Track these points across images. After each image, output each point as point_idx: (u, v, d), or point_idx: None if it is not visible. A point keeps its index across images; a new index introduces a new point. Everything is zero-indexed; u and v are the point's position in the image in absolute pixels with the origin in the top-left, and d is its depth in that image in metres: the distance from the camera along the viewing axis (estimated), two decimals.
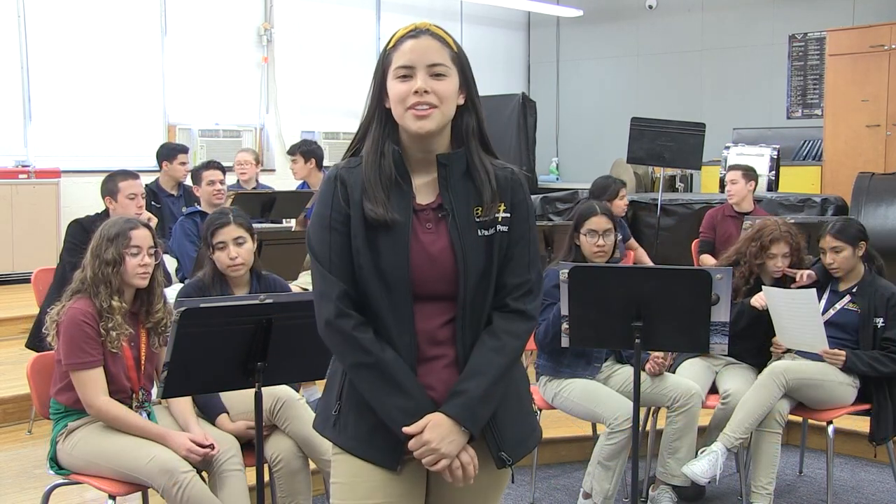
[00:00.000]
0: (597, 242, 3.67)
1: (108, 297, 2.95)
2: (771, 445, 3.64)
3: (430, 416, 1.83)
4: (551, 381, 3.72)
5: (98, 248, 3.00)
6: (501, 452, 1.90)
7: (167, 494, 2.78)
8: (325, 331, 1.87)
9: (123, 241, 2.98)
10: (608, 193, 5.71)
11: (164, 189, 6.16)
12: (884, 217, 6.27)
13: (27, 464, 4.11)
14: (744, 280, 3.91)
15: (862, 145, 9.11)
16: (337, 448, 1.93)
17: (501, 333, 1.89)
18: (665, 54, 11.56)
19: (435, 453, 1.82)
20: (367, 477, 1.89)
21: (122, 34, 8.62)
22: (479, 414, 1.85)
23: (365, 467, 1.89)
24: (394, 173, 1.86)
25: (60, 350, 2.94)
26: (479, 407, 1.84)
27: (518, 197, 1.92)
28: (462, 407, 1.83)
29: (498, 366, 1.86)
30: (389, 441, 1.86)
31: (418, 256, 1.85)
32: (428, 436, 1.81)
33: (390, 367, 1.83)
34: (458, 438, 1.83)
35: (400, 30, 1.90)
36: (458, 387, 1.85)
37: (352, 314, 1.84)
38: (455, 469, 1.84)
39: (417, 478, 1.93)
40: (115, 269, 2.97)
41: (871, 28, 9.14)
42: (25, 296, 5.38)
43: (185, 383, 2.58)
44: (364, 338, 1.83)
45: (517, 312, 1.91)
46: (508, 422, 1.92)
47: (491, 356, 1.87)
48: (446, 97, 1.85)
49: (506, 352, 1.88)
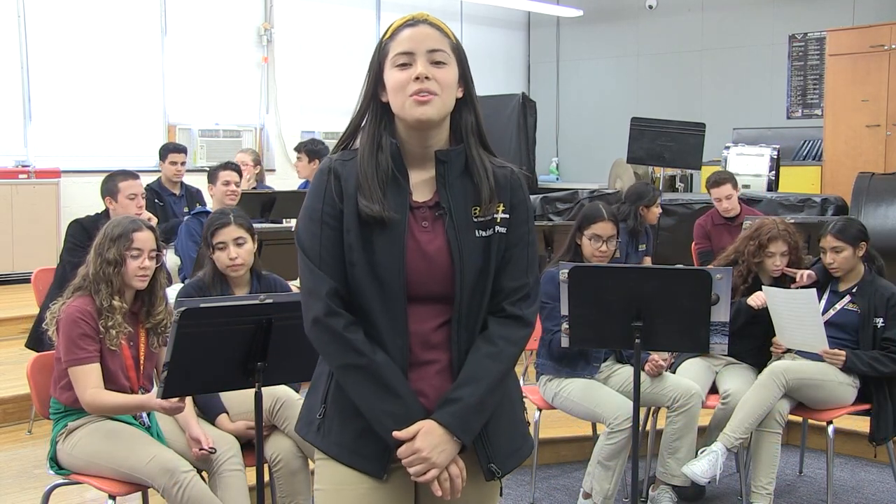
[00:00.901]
0: (599, 248, 3.66)
1: (108, 297, 2.95)
2: (771, 445, 3.64)
3: (422, 423, 1.75)
4: (551, 380, 3.72)
5: (101, 246, 3.00)
6: (491, 464, 1.82)
7: (167, 494, 2.78)
8: (312, 329, 1.79)
9: (125, 243, 2.98)
10: (645, 200, 5.63)
11: (166, 188, 6.17)
12: (884, 217, 6.27)
13: (27, 464, 4.11)
14: (742, 279, 3.91)
15: (862, 145, 9.11)
16: (321, 454, 1.85)
17: (498, 339, 1.81)
18: (665, 54, 11.57)
19: (425, 462, 1.73)
20: (353, 485, 1.80)
21: (122, 34, 8.63)
22: (473, 423, 1.77)
23: (350, 474, 1.80)
24: (391, 168, 1.79)
25: (59, 348, 2.94)
26: (472, 416, 1.77)
27: (518, 198, 1.86)
28: (455, 415, 1.75)
29: (494, 373, 1.79)
30: (376, 448, 1.78)
31: (414, 255, 1.78)
32: (419, 444, 1.73)
33: (381, 369, 1.75)
34: (449, 448, 1.75)
35: (396, 21, 1.84)
36: (451, 394, 1.77)
37: (342, 313, 1.77)
38: (443, 481, 1.76)
39: (405, 487, 1.84)
40: (116, 270, 2.97)
41: (871, 28, 9.14)
42: (25, 296, 5.38)
43: (185, 383, 2.58)
44: (355, 338, 1.76)
45: (514, 318, 1.84)
46: (500, 432, 1.84)
47: (486, 363, 1.79)
48: (447, 85, 1.78)
49: (502, 358, 1.81)
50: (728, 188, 5.77)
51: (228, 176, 5.23)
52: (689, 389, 3.66)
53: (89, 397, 2.88)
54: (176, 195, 6.17)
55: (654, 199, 5.67)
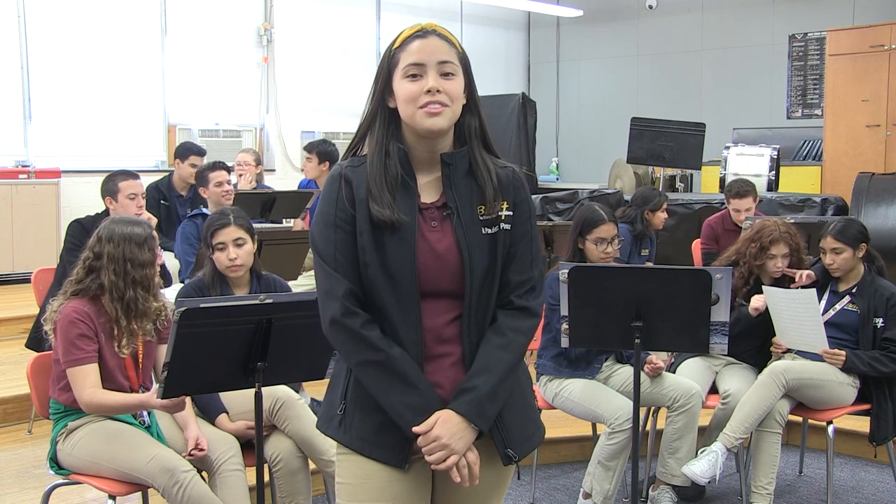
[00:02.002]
0: (605, 250, 3.67)
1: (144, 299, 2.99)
2: (771, 445, 3.64)
3: (440, 413, 1.83)
4: (552, 380, 3.73)
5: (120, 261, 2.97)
6: (508, 449, 1.91)
7: (167, 494, 2.78)
8: (330, 329, 1.87)
9: (152, 242, 3.01)
10: (651, 205, 5.62)
11: (175, 188, 6.14)
12: (884, 217, 6.27)
13: (27, 464, 4.11)
14: (743, 280, 3.91)
15: (862, 145, 9.11)
16: (342, 448, 1.92)
17: (507, 330, 1.90)
18: (665, 54, 11.56)
19: (445, 449, 1.81)
20: (375, 477, 1.88)
21: (122, 34, 8.62)
22: (488, 411, 1.85)
23: (372, 467, 1.88)
24: (400, 173, 1.87)
25: (57, 349, 2.95)
26: (487, 404, 1.85)
27: (520, 196, 1.94)
28: (471, 404, 1.84)
29: (505, 363, 1.88)
30: (396, 440, 1.86)
31: (425, 254, 1.86)
32: (438, 431, 1.81)
33: (398, 363, 1.83)
34: (467, 435, 1.83)
35: (405, 30, 1.90)
36: (466, 384, 1.86)
37: (358, 312, 1.84)
38: (462, 468, 1.84)
39: (424, 477, 1.93)
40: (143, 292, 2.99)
41: (871, 28, 9.14)
42: (25, 296, 5.38)
43: (185, 383, 2.58)
44: (371, 335, 1.83)
45: (521, 309, 1.92)
46: (514, 418, 1.93)
47: (498, 353, 1.88)
48: (456, 96, 1.86)
49: (512, 348, 1.89)
50: (749, 201, 5.66)
51: (219, 177, 5.15)
52: (689, 389, 3.66)
53: (87, 397, 2.88)
54: (183, 196, 6.14)
55: (659, 204, 5.66)
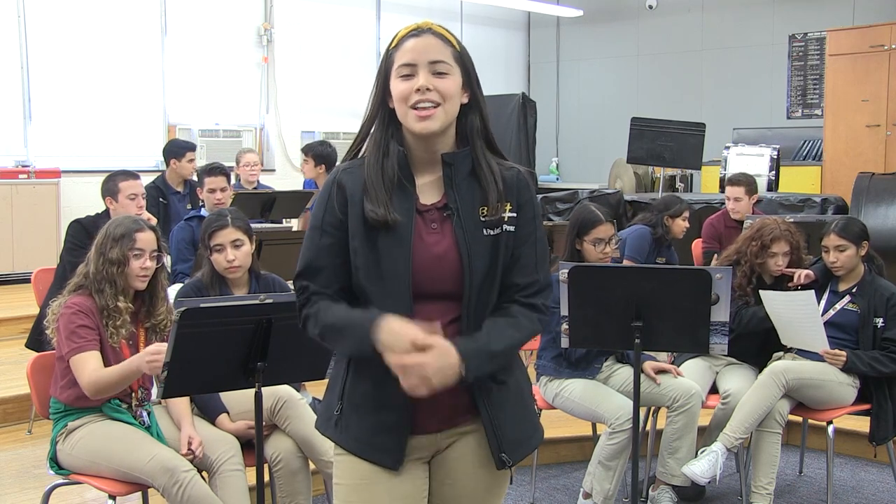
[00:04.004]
0: (603, 250, 3.67)
1: (113, 297, 2.95)
2: (771, 445, 3.64)
3: (441, 343, 1.73)
4: (552, 381, 3.72)
5: (103, 245, 3.00)
6: (503, 454, 1.88)
7: (168, 493, 2.78)
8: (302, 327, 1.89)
9: (128, 243, 2.98)
10: (671, 211, 5.56)
11: (171, 186, 6.13)
12: (884, 217, 6.27)
13: (27, 464, 4.11)
14: (746, 279, 3.91)
15: (862, 145, 9.11)
16: (339, 448, 1.92)
17: (517, 314, 1.87)
18: (665, 54, 11.56)
19: (423, 379, 1.71)
20: (371, 478, 1.87)
21: (122, 34, 8.63)
22: (483, 364, 1.80)
23: (368, 468, 1.87)
24: (397, 174, 1.85)
25: (60, 345, 2.94)
26: (485, 358, 1.80)
27: (524, 197, 1.91)
28: (473, 351, 1.78)
29: (510, 337, 1.85)
30: (392, 442, 1.86)
31: (422, 256, 1.84)
32: (428, 359, 1.71)
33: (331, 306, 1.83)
34: (449, 376, 1.74)
35: (402, 30, 1.89)
36: (473, 336, 1.82)
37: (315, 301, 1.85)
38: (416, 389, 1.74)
39: (420, 479, 1.92)
40: (120, 269, 2.97)
41: (871, 28, 9.14)
42: (25, 296, 5.38)
43: (185, 383, 2.58)
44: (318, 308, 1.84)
45: (530, 305, 1.90)
46: (510, 422, 1.90)
47: (504, 327, 1.85)
48: (449, 95, 1.84)
49: (520, 327, 1.87)
50: (739, 190, 5.69)
51: (213, 183, 4.94)
52: (689, 389, 3.66)
53: (88, 378, 2.84)
54: (180, 193, 6.14)
55: (679, 211, 5.60)
